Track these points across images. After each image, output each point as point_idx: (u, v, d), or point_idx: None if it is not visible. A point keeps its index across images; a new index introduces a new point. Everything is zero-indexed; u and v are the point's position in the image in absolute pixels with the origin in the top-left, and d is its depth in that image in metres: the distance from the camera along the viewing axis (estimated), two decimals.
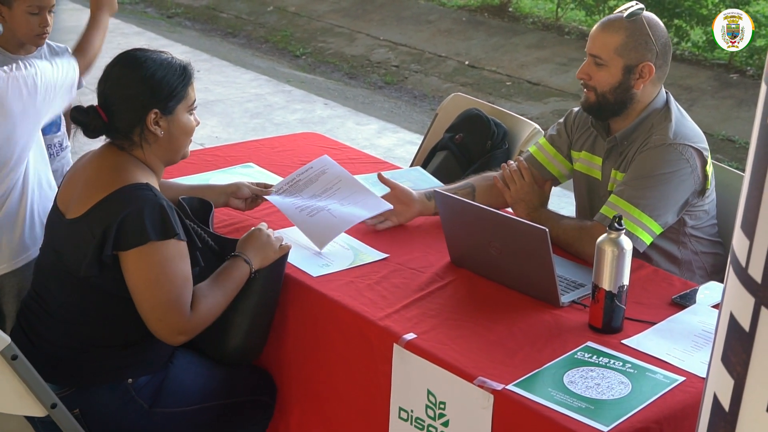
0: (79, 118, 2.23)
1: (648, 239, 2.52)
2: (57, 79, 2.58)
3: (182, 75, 2.26)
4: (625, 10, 2.60)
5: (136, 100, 2.21)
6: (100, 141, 2.32)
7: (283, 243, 2.38)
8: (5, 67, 2.49)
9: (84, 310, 2.23)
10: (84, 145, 2.37)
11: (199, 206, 2.56)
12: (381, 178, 2.76)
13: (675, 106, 2.65)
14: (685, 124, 2.62)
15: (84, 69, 3.00)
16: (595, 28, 2.65)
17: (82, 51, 3.07)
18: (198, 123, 2.34)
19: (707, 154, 2.60)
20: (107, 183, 2.18)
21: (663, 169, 2.52)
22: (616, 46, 2.56)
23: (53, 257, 2.27)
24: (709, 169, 2.62)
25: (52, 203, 2.34)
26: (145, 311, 2.16)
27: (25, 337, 2.28)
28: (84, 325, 2.24)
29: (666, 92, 2.68)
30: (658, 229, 2.53)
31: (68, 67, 2.66)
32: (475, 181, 2.87)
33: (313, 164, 2.78)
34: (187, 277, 2.18)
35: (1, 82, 2.46)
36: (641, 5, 2.61)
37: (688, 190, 2.56)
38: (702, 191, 2.61)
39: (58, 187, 2.36)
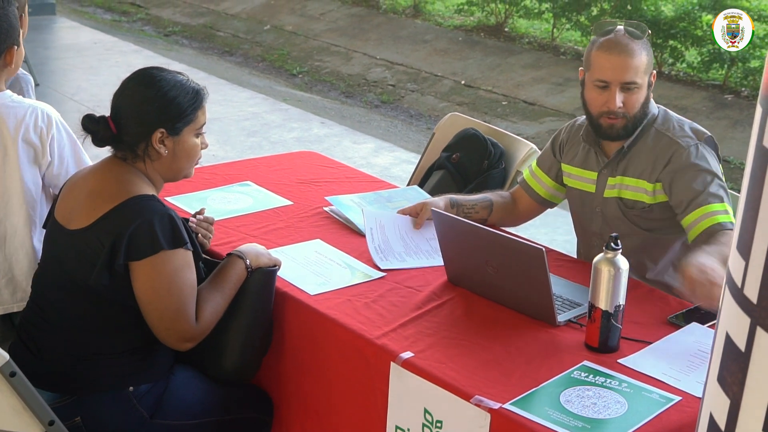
0: (90, 126, 2.28)
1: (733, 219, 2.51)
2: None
3: (194, 98, 2.31)
4: (614, 25, 2.59)
5: (145, 117, 2.26)
6: None
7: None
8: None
9: (88, 320, 2.26)
10: None
11: None
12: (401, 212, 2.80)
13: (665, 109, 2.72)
14: (686, 120, 2.69)
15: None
16: (614, 56, 2.54)
17: None
18: (206, 146, 2.39)
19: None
20: (114, 194, 2.22)
21: (706, 164, 2.56)
22: (645, 67, 2.58)
23: (55, 269, 2.29)
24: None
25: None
26: (154, 320, 2.21)
27: (26, 349, 2.29)
28: (87, 334, 2.26)
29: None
30: (731, 209, 2.54)
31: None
32: (493, 197, 2.91)
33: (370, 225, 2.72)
34: (193, 286, 2.23)
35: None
36: (619, 22, 2.62)
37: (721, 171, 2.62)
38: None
39: (54, 201, 2.38)
